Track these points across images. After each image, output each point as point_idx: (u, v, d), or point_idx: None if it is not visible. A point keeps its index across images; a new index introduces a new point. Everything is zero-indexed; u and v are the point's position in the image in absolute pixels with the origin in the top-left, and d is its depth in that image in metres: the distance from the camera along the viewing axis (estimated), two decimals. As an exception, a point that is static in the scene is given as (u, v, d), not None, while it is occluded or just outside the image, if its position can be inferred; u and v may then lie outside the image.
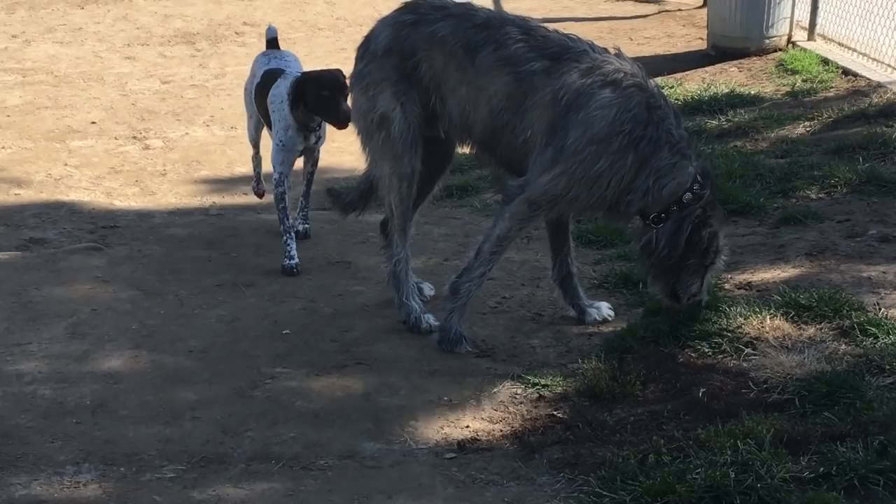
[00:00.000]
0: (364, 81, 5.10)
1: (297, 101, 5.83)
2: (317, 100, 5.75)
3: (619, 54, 4.81)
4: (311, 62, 10.64)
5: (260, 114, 6.29)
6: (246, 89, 6.53)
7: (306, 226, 6.30)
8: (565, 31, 4.95)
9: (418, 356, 4.92)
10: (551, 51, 4.78)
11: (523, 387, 4.63)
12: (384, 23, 5.13)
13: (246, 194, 7.14)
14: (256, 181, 6.80)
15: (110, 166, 7.75)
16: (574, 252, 5.25)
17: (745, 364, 4.60)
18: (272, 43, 6.60)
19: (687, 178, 4.68)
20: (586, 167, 4.64)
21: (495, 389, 4.62)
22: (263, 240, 6.30)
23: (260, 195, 6.80)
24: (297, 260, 5.85)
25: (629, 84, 4.67)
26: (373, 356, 4.92)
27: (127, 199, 7.16)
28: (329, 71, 5.96)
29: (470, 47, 4.89)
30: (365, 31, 5.28)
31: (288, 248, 5.86)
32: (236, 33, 12.02)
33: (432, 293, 5.50)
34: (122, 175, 7.60)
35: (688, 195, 4.68)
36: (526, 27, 4.90)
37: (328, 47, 11.30)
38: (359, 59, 5.17)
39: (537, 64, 4.76)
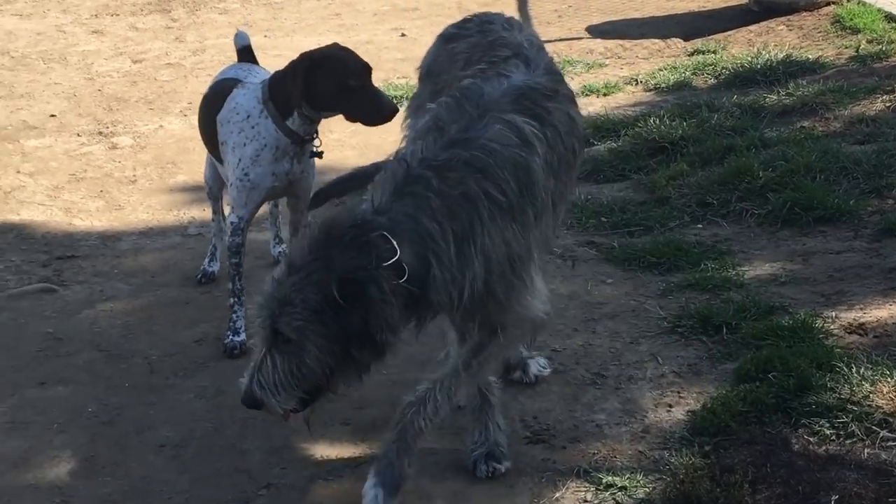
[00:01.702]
0: None
1: (297, 97, 4.19)
2: (340, 91, 4.18)
3: None
4: (304, 31, 9.50)
5: (205, 143, 4.71)
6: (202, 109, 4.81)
7: None
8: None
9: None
10: None
11: (594, 490, 3.56)
12: None
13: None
14: (209, 258, 5.14)
15: (70, 173, 6.57)
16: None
17: (884, 455, 3.52)
18: (245, 53, 4.88)
19: None
20: None
21: (557, 494, 3.55)
22: (255, 269, 4.99)
23: (207, 278, 5.09)
24: (243, 337, 4.43)
25: None
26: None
27: (89, 216, 5.99)
28: (342, 49, 4.33)
29: None
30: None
31: (234, 319, 4.47)
32: (217, -3, 10.82)
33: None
34: (85, 184, 6.41)
35: None
36: None
37: (320, 13, 10.13)
38: None
39: None
